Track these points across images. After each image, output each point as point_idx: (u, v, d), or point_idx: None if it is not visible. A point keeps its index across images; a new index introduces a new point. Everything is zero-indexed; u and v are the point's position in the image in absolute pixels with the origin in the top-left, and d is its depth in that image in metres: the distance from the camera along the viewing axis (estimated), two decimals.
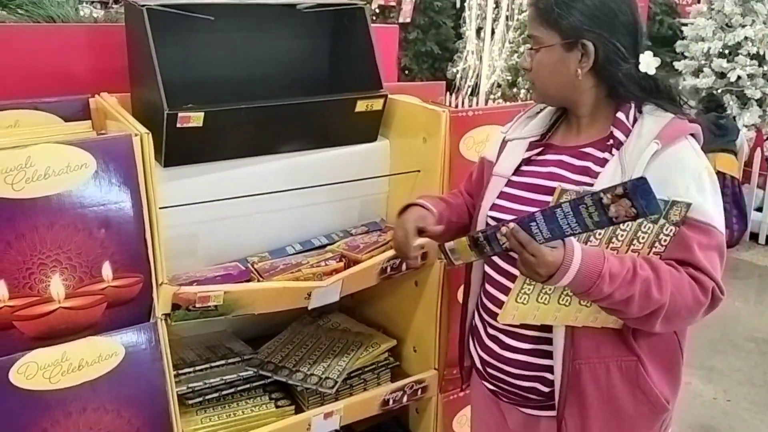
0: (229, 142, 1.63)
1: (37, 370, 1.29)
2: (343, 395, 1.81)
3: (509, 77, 8.04)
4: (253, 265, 1.66)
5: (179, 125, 1.50)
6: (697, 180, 1.24)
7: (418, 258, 1.52)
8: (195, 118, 1.51)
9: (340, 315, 2.10)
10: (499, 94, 7.97)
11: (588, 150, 1.33)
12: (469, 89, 8.16)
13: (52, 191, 1.23)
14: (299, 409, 1.77)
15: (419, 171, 1.80)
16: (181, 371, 1.69)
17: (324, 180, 1.77)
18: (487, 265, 1.45)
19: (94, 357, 1.35)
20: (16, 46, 1.70)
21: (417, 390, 1.87)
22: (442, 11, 9.05)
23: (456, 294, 1.81)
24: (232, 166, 1.65)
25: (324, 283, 1.62)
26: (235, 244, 1.72)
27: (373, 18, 7.37)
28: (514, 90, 7.99)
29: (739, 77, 6.08)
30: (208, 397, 1.70)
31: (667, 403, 1.34)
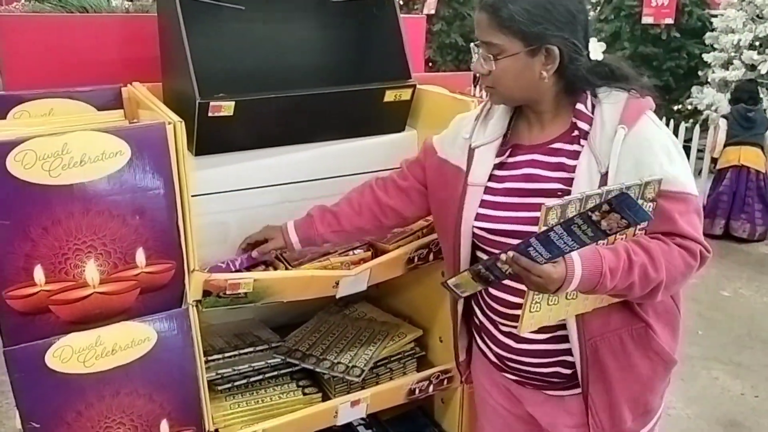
0: (259, 131, 1.64)
1: (72, 354, 1.32)
2: (370, 384, 1.82)
3: None
4: (282, 254, 1.68)
5: (210, 114, 1.51)
6: (666, 152, 1.29)
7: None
8: (226, 107, 1.53)
9: (366, 305, 2.11)
10: None
11: (557, 145, 1.35)
12: None
13: (87, 178, 1.25)
14: (326, 397, 1.78)
15: None
16: (210, 358, 1.72)
17: (352, 170, 1.77)
18: None
19: (127, 342, 1.37)
20: (50, 37, 1.73)
21: (443, 380, 1.87)
22: (466, 3, 9.01)
23: None
24: (261, 155, 1.66)
25: (352, 272, 1.62)
26: None
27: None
28: None
29: (750, 79, 5.98)
30: (236, 383, 1.73)
31: (675, 355, 1.42)
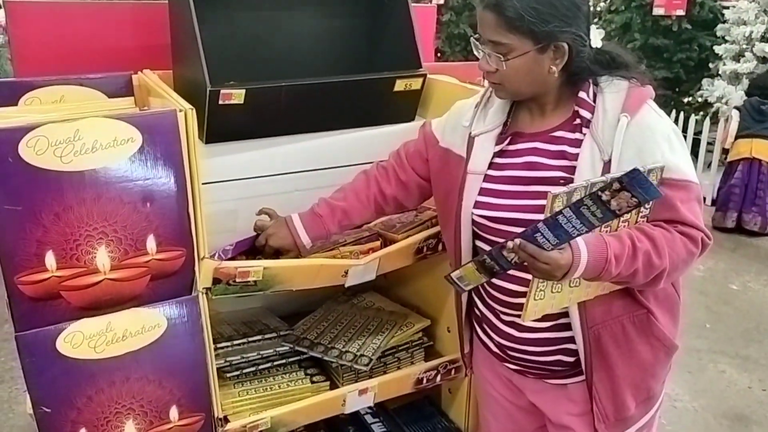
0: (269, 119, 1.64)
1: (82, 340, 1.33)
2: (377, 373, 1.83)
3: None
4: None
5: (221, 102, 1.51)
6: (667, 141, 1.29)
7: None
8: (236, 95, 1.53)
9: (374, 294, 2.12)
10: None
11: (558, 133, 1.35)
12: None
13: (99, 164, 1.26)
14: (334, 386, 1.79)
15: None
16: (219, 345, 1.72)
17: (362, 159, 1.76)
18: None
19: (138, 328, 1.38)
20: (60, 23, 1.73)
21: (450, 370, 1.88)
22: None
23: None
24: (271, 143, 1.66)
25: (361, 261, 1.63)
26: None
27: None
28: None
29: None
30: (245, 370, 1.74)
31: (675, 341, 1.43)
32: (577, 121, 1.33)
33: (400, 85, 1.75)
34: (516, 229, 1.30)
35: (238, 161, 1.63)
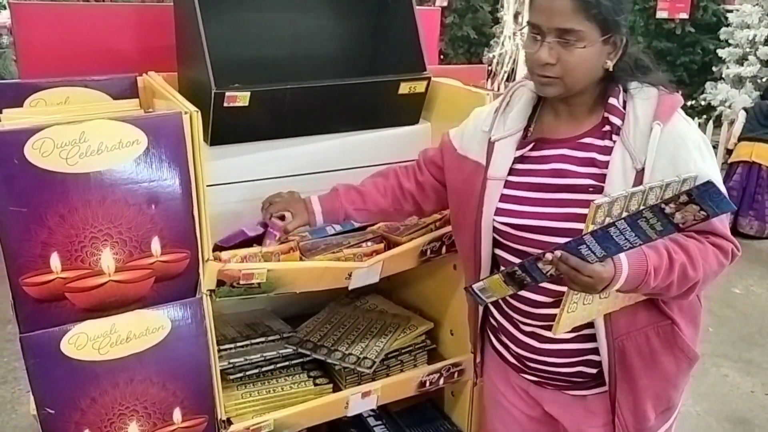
0: (274, 122, 1.64)
1: (87, 341, 1.33)
2: (380, 376, 1.82)
3: None
4: (297, 244, 1.68)
5: (226, 104, 1.51)
6: (698, 149, 1.27)
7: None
8: (241, 98, 1.53)
9: (378, 297, 2.11)
10: None
11: (587, 140, 1.32)
12: (506, 75, 8.08)
13: (104, 167, 1.26)
14: (337, 388, 1.79)
15: None
16: (222, 347, 1.72)
17: (366, 161, 1.77)
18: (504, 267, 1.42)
19: (142, 330, 1.38)
20: (65, 25, 1.73)
21: (453, 373, 1.87)
22: None
23: None
24: (276, 146, 1.67)
25: (365, 264, 1.63)
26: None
27: None
28: None
29: None
30: (248, 372, 1.73)
31: (696, 350, 1.41)
32: (607, 128, 1.30)
33: (404, 88, 1.75)
34: (540, 237, 1.28)
35: (243, 163, 1.63)
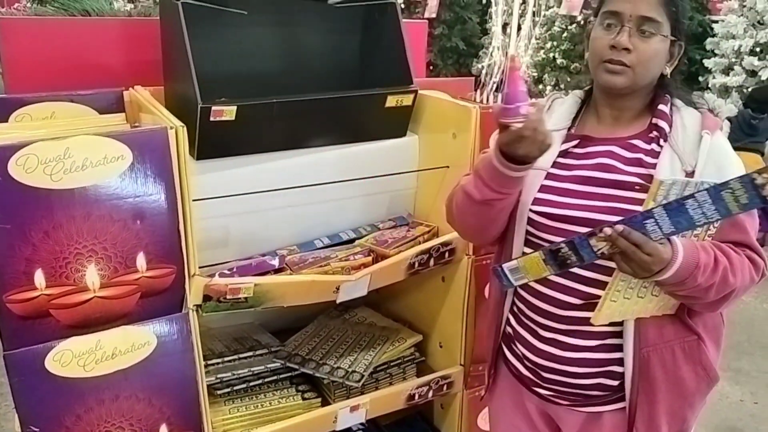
0: (261, 136, 1.64)
1: (72, 358, 1.32)
2: (369, 389, 1.82)
3: (535, 74, 7.98)
4: (282, 258, 1.68)
5: (212, 119, 1.51)
6: (737, 165, 1.28)
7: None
8: (228, 112, 1.53)
9: (366, 309, 2.11)
10: None
11: (635, 142, 1.33)
12: (495, 85, 8.12)
13: (89, 182, 1.25)
14: (325, 402, 1.78)
15: (448, 167, 1.80)
16: (209, 362, 1.71)
17: (353, 174, 1.77)
18: None
19: (127, 346, 1.37)
20: (51, 40, 1.72)
21: (442, 385, 1.87)
22: (467, 6, 9.02)
23: (483, 291, 1.81)
24: (263, 159, 1.66)
25: (353, 277, 1.62)
26: (265, 237, 1.73)
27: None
28: (540, 87, 7.94)
29: None
30: (236, 387, 1.72)
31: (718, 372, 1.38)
32: (654, 133, 1.31)
33: (391, 101, 1.76)
34: (577, 229, 1.26)
35: (230, 177, 1.62)
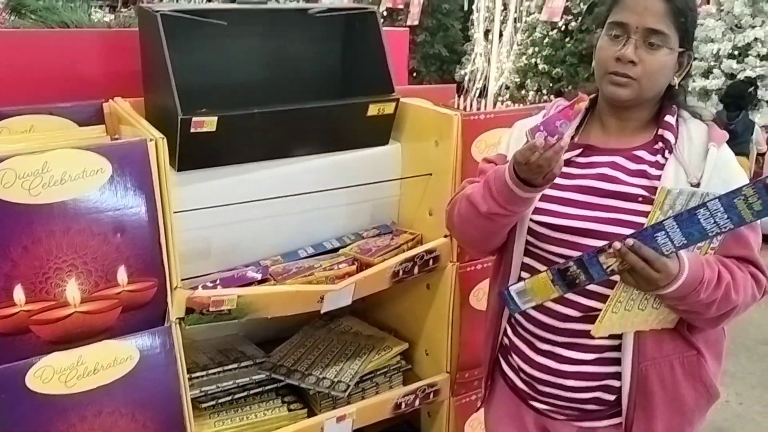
0: (242, 146, 1.63)
1: (53, 374, 1.30)
2: (356, 399, 1.81)
3: (517, 79, 8.03)
4: (266, 269, 1.67)
5: (193, 130, 1.50)
6: (743, 179, 1.27)
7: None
8: (208, 123, 1.52)
9: (352, 318, 2.10)
10: (507, 96, 7.97)
11: (639, 153, 1.31)
12: (477, 91, 8.16)
13: (68, 196, 1.24)
14: (311, 413, 1.77)
15: (431, 174, 1.80)
16: (194, 375, 1.70)
17: (336, 183, 1.77)
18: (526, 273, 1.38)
19: (110, 361, 1.35)
20: (30, 52, 1.71)
21: (429, 393, 1.87)
22: (450, 14, 9.06)
23: (468, 297, 1.81)
24: (244, 170, 1.66)
25: (337, 286, 1.62)
26: (248, 248, 1.73)
27: (381, 21, 7.41)
28: (523, 92, 7.99)
29: (748, 78, 6.04)
30: (221, 400, 1.71)
31: (718, 388, 1.36)
32: (659, 145, 1.29)
33: (373, 110, 1.76)
34: (577, 239, 1.26)
35: (211, 188, 1.61)
